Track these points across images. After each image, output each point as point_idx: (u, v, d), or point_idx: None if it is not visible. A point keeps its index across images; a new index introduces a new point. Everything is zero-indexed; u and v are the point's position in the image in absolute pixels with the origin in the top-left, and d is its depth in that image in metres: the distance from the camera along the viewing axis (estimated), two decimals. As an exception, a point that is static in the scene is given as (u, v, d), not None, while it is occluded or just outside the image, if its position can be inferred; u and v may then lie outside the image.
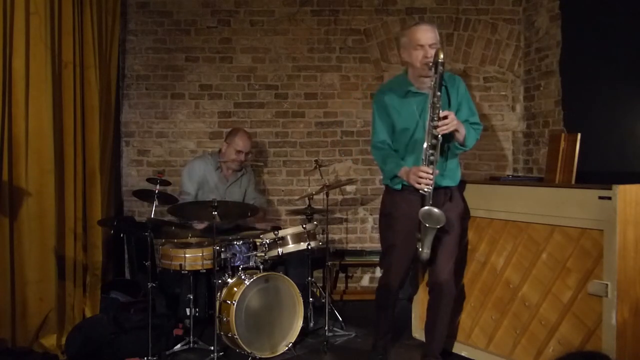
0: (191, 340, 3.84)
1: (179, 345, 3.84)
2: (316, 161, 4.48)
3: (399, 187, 3.39)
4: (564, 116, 4.44)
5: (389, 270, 3.52)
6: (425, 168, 3.14)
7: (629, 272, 2.89)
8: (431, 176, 3.13)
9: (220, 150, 4.57)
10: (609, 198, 2.89)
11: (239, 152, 4.44)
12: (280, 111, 5.29)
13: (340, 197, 5.28)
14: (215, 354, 3.61)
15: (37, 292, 3.65)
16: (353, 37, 5.26)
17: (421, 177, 3.14)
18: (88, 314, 4.10)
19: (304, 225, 4.09)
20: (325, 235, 4.33)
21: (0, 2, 3.37)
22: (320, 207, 4.67)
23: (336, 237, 5.31)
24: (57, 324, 3.76)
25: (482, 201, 3.61)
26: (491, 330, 3.56)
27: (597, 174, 3.69)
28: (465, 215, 3.59)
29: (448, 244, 3.37)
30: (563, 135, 3.80)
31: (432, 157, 3.13)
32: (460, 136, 3.26)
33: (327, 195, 4.33)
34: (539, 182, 3.98)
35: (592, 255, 3.00)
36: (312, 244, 4.07)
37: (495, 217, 3.53)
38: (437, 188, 3.25)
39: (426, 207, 3.13)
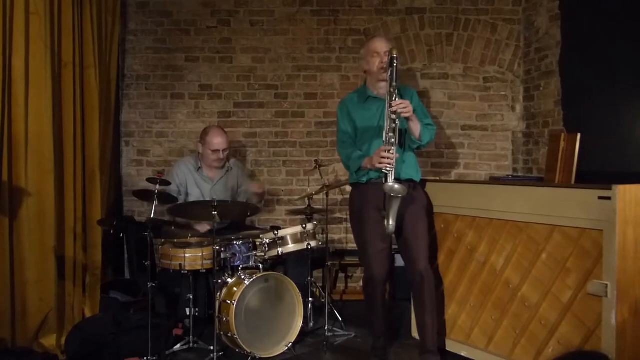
0: (191, 340, 3.84)
1: (178, 345, 3.84)
2: (316, 161, 4.48)
3: (364, 179, 3.58)
4: (564, 116, 4.44)
5: (369, 264, 3.62)
6: (385, 147, 3.35)
7: (628, 272, 2.89)
8: (392, 156, 3.32)
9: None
10: (609, 198, 2.89)
11: (214, 151, 4.40)
12: (280, 111, 5.29)
13: (340, 197, 5.28)
14: (215, 353, 3.61)
15: (37, 292, 3.65)
16: (353, 37, 5.26)
17: (382, 157, 3.33)
18: (88, 313, 4.10)
19: (304, 225, 4.09)
20: (325, 235, 4.34)
21: (0, 2, 3.37)
22: (320, 207, 4.67)
23: (336, 237, 5.31)
24: (57, 324, 3.76)
25: (482, 201, 3.61)
26: (491, 330, 3.56)
27: (597, 174, 3.69)
28: (429, 208, 3.79)
29: (418, 233, 3.57)
30: (563, 135, 3.81)
31: (392, 140, 3.35)
32: (415, 129, 3.53)
33: (327, 195, 4.34)
34: (539, 182, 3.99)
35: (592, 256, 3.00)
36: (312, 243, 4.07)
37: (495, 217, 3.53)
38: (400, 180, 3.43)
39: (389, 183, 3.31)
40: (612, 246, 2.87)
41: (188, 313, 3.87)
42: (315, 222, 4.27)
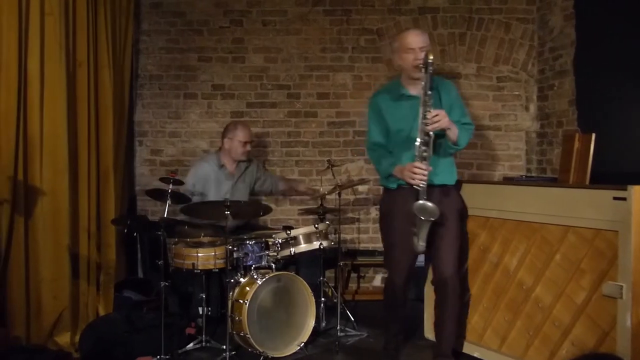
0: (203, 339, 3.86)
1: (191, 344, 3.85)
2: (328, 161, 4.48)
3: (394, 186, 3.45)
4: (578, 116, 4.40)
5: (392, 269, 3.58)
6: (418, 164, 3.21)
7: (644, 273, 2.86)
8: (424, 171, 3.20)
9: (220, 149, 4.55)
10: (624, 199, 2.86)
11: (245, 143, 4.43)
12: (292, 111, 5.30)
13: (352, 197, 5.28)
14: (227, 353, 3.62)
15: (51, 290, 3.68)
16: (366, 36, 5.25)
17: (415, 173, 3.21)
18: (101, 312, 4.13)
19: (316, 225, 4.09)
20: (337, 235, 4.34)
21: (16, 3, 3.41)
22: (333, 206, 4.67)
23: (348, 237, 5.31)
24: (71, 322, 3.79)
25: (496, 201, 3.59)
26: (504, 331, 3.54)
27: (612, 174, 3.66)
28: (463, 212, 3.63)
29: (448, 239, 3.43)
30: (577, 135, 3.78)
31: (424, 154, 3.21)
32: (452, 135, 3.33)
33: (340, 195, 4.33)
34: (553, 182, 3.97)
35: (607, 257, 2.98)
36: (324, 243, 4.07)
37: (509, 218, 3.52)
38: (433, 186, 3.31)
39: (420, 201, 3.20)
40: (628, 247, 2.85)
41: (200, 312, 3.89)
42: (327, 222, 4.27)
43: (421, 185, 3.20)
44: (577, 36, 4.44)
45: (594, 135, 3.59)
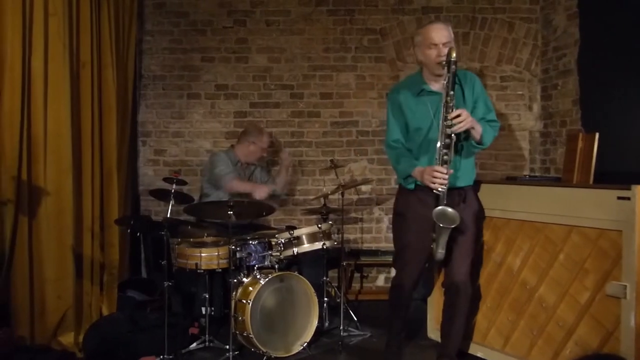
0: (207, 339, 3.86)
1: (194, 344, 3.86)
2: (332, 161, 4.48)
3: (412, 186, 3.37)
4: (582, 115, 4.39)
5: (402, 269, 3.51)
6: (439, 168, 3.12)
7: (648, 273, 2.86)
8: (445, 176, 3.11)
9: (232, 146, 4.66)
10: (628, 198, 2.86)
11: (264, 149, 4.64)
12: (295, 111, 5.30)
13: (355, 197, 5.28)
14: (231, 352, 3.62)
15: (55, 290, 3.69)
16: (369, 36, 5.25)
17: (435, 177, 3.12)
18: (105, 312, 4.14)
19: (319, 225, 4.09)
20: (340, 235, 4.33)
21: (19, 3, 3.41)
22: (336, 206, 4.67)
23: (351, 236, 5.31)
24: (75, 322, 3.80)
25: (499, 201, 3.58)
26: (507, 331, 3.54)
27: (616, 174, 3.65)
28: (480, 215, 3.56)
29: (463, 244, 3.35)
30: (581, 134, 3.76)
31: (445, 157, 3.10)
32: (476, 134, 3.23)
33: (343, 195, 4.33)
34: (557, 182, 3.95)
35: (611, 256, 2.97)
36: (327, 243, 4.07)
37: (512, 218, 3.51)
38: (451, 189, 3.22)
39: (440, 207, 3.11)
40: (631, 247, 2.84)
41: (204, 312, 3.89)
42: (330, 222, 4.27)
43: (441, 189, 3.12)
44: (580, 35, 4.43)
45: (597, 135, 3.57)
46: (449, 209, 3.10)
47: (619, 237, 2.91)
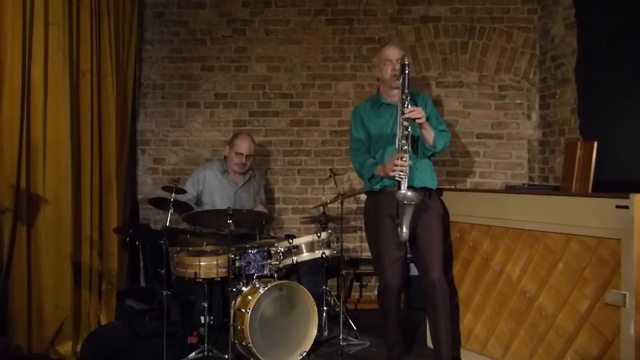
0: (205, 348, 3.84)
1: (193, 353, 3.84)
2: (331, 169, 4.49)
3: (377, 187, 3.57)
4: (580, 124, 4.40)
5: (384, 273, 3.60)
6: (398, 155, 3.33)
7: (647, 282, 2.85)
8: (405, 163, 3.31)
9: (225, 157, 4.60)
10: (627, 207, 2.86)
11: (238, 154, 4.43)
12: (294, 120, 5.31)
13: (354, 206, 5.27)
14: (230, 362, 3.61)
15: (53, 299, 3.68)
16: (367, 45, 5.27)
17: (395, 165, 3.32)
18: (103, 321, 4.13)
19: (319, 234, 4.09)
20: (339, 244, 4.33)
21: (20, 12, 3.43)
22: (335, 215, 4.67)
23: (350, 245, 5.30)
24: (73, 331, 3.79)
25: (498, 210, 3.59)
26: (507, 340, 3.53)
27: (614, 182, 3.66)
28: (445, 217, 3.75)
29: (432, 242, 3.54)
30: (579, 143, 3.78)
31: (405, 147, 3.33)
32: (428, 136, 3.50)
33: (342, 204, 4.33)
34: (555, 190, 3.97)
35: (610, 265, 2.97)
36: (327, 252, 4.07)
37: (511, 226, 3.51)
38: (415, 188, 3.41)
39: (402, 191, 3.30)
40: (630, 255, 2.84)
41: (203, 321, 3.88)
42: (329, 231, 4.27)
43: (402, 175, 3.31)
44: (578, 45, 4.45)
45: (596, 144, 3.59)
46: (410, 192, 3.30)
47: (618, 245, 2.91)
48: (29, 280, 3.56)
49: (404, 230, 3.33)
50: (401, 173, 3.31)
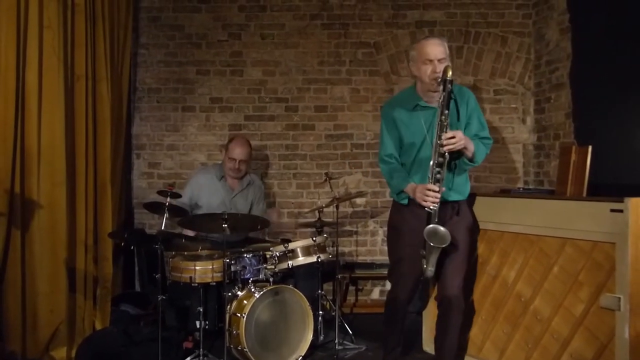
0: (201, 353, 3.83)
1: (188, 358, 3.82)
2: (326, 174, 4.50)
3: (405, 201, 3.37)
4: (575, 128, 4.42)
5: (397, 283, 3.51)
6: (431, 186, 3.11)
7: (642, 285, 2.86)
8: (437, 195, 3.10)
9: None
10: (621, 211, 2.87)
11: (231, 159, 4.41)
12: (290, 124, 5.31)
13: (350, 210, 5.27)
14: (225, 366, 3.60)
15: (48, 304, 3.67)
16: (363, 50, 5.28)
17: (427, 196, 3.12)
18: (98, 326, 4.11)
19: (314, 238, 4.08)
20: (335, 248, 4.32)
21: (14, 15, 3.42)
22: (330, 219, 4.67)
23: (346, 249, 5.30)
24: (67, 336, 3.77)
25: (493, 214, 3.59)
26: (503, 343, 3.53)
27: (609, 186, 3.66)
28: (474, 229, 3.55)
29: (457, 258, 3.32)
30: (574, 147, 3.79)
31: (438, 175, 3.11)
32: (469, 152, 3.24)
33: (337, 208, 4.33)
34: (550, 194, 3.97)
35: (604, 269, 2.98)
36: (322, 256, 4.06)
37: (506, 230, 3.52)
38: (444, 202, 3.22)
39: (431, 226, 3.10)
40: (625, 259, 2.85)
41: (198, 326, 3.86)
42: (325, 235, 4.26)
43: (432, 207, 3.11)
44: (573, 49, 4.47)
45: (590, 148, 3.60)
46: (441, 228, 3.09)
47: (613, 249, 2.92)
48: (23, 285, 3.54)
49: (430, 268, 3.16)
50: (432, 205, 3.10)
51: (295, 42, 5.29)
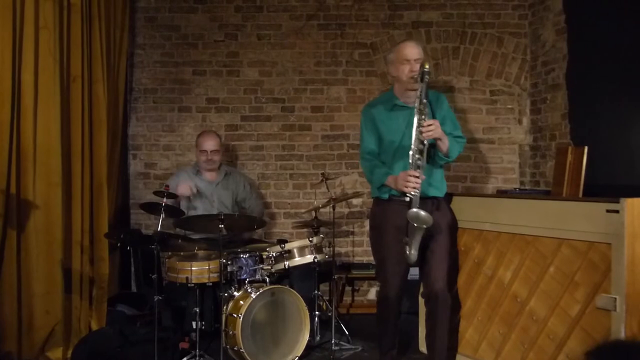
0: (197, 353, 3.82)
1: (185, 359, 3.82)
2: (323, 174, 4.49)
3: (386, 196, 3.45)
4: (571, 129, 4.43)
5: (385, 282, 3.55)
6: (412, 172, 3.21)
7: (637, 285, 2.87)
8: (418, 180, 3.20)
9: None
10: (617, 211, 2.87)
11: (202, 151, 4.51)
12: (286, 124, 5.31)
13: (346, 210, 5.28)
14: (221, 367, 3.60)
15: (44, 304, 3.66)
16: (359, 50, 5.28)
17: (408, 181, 3.20)
18: (94, 327, 4.10)
19: (311, 239, 4.09)
20: (331, 248, 4.33)
21: (10, 16, 3.41)
22: (327, 220, 4.67)
23: (342, 250, 5.30)
24: (63, 337, 3.76)
25: (490, 214, 3.60)
26: (499, 344, 3.53)
27: (605, 187, 3.68)
28: (453, 225, 3.64)
29: (439, 252, 3.43)
30: (570, 148, 3.80)
31: (419, 162, 3.21)
32: (443, 146, 3.36)
33: (334, 208, 4.33)
34: (546, 195, 3.98)
35: (600, 269, 2.98)
36: (319, 257, 4.06)
37: (503, 231, 3.52)
38: (424, 198, 3.30)
39: (414, 210, 3.18)
40: (621, 259, 2.86)
41: (194, 326, 3.85)
42: (321, 235, 4.27)
43: (413, 193, 3.20)
44: (569, 50, 4.48)
45: (586, 148, 3.61)
46: (422, 212, 3.18)
47: (609, 249, 2.93)
48: (19, 285, 3.53)
49: (413, 252, 3.23)
50: (413, 190, 3.19)
51: (292, 43, 5.29)
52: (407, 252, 3.26)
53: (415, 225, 3.16)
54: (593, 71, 4.17)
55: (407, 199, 3.21)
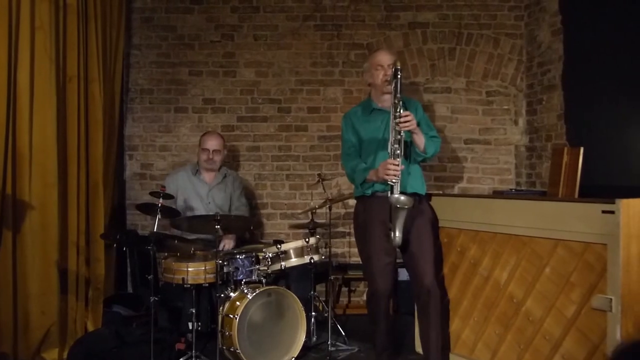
0: (193, 354, 3.82)
1: (181, 360, 3.83)
2: (319, 175, 4.49)
3: (369, 192, 3.56)
4: (567, 130, 4.44)
5: (373, 278, 3.59)
6: (391, 160, 3.33)
7: (633, 286, 2.87)
8: (398, 167, 3.31)
9: None
10: (612, 212, 2.88)
11: (204, 150, 4.53)
12: (283, 125, 5.31)
13: (343, 211, 5.28)
14: (218, 368, 3.59)
15: (39, 305, 3.65)
16: (356, 51, 5.28)
17: (388, 169, 3.31)
18: (90, 327, 4.10)
19: (307, 239, 4.08)
20: (327, 249, 4.33)
21: (5, 16, 3.41)
22: (323, 220, 4.67)
23: (339, 250, 5.30)
24: (59, 338, 3.75)
25: (485, 215, 3.60)
26: (495, 345, 3.54)
27: (600, 187, 3.69)
28: (435, 222, 3.78)
29: (424, 247, 3.54)
30: (566, 149, 3.81)
31: (397, 151, 3.33)
32: (419, 141, 3.52)
33: (330, 209, 4.33)
34: (542, 196, 3.99)
35: (596, 270, 2.99)
36: (315, 257, 4.06)
37: (498, 231, 3.52)
38: (406, 194, 3.38)
39: (395, 195, 3.30)
40: (616, 260, 2.86)
41: (190, 327, 3.85)
42: (318, 236, 4.27)
43: (394, 180, 3.31)
44: (564, 51, 4.49)
45: (582, 149, 3.62)
46: (403, 196, 3.30)
47: (604, 250, 2.93)
48: (14, 286, 3.53)
49: (397, 234, 3.32)
50: (394, 178, 3.31)
51: (288, 43, 5.29)
52: (392, 236, 3.34)
53: (398, 206, 3.27)
54: (589, 72, 4.18)
55: (389, 187, 3.33)
